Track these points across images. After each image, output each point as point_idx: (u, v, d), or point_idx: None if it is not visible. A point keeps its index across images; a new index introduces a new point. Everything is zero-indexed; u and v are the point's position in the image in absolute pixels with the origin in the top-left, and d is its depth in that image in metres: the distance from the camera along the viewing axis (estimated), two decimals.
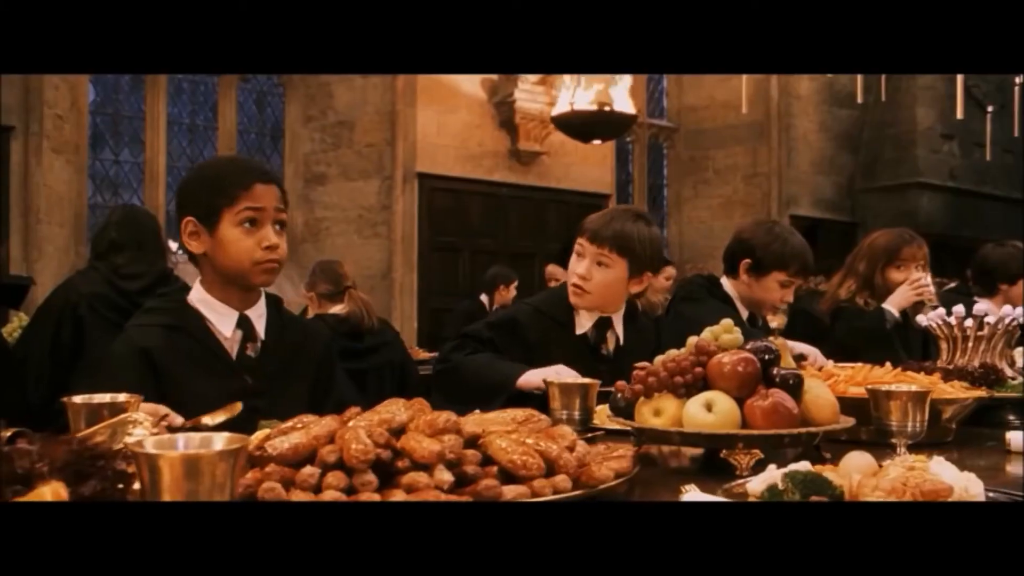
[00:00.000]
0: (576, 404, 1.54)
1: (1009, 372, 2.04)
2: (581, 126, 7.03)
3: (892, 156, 10.20)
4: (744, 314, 2.61)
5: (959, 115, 5.95)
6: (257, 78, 7.99)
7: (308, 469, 1.02)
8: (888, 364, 1.85)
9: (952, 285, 4.81)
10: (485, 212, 7.84)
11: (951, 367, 2.01)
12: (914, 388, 1.41)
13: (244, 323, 1.74)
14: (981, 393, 1.71)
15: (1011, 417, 2.01)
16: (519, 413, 1.23)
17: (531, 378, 1.93)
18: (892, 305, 2.99)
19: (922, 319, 2.18)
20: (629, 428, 1.43)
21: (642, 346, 2.15)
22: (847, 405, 1.53)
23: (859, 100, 6.88)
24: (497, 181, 7.86)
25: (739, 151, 10.05)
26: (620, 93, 7.11)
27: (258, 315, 1.77)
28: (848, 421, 1.43)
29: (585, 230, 2.14)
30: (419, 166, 7.44)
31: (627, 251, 2.09)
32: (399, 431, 1.13)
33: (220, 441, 0.83)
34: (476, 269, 7.50)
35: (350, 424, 1.13)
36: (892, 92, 10.04)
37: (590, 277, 2.10)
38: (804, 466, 1.08)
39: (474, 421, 1.14)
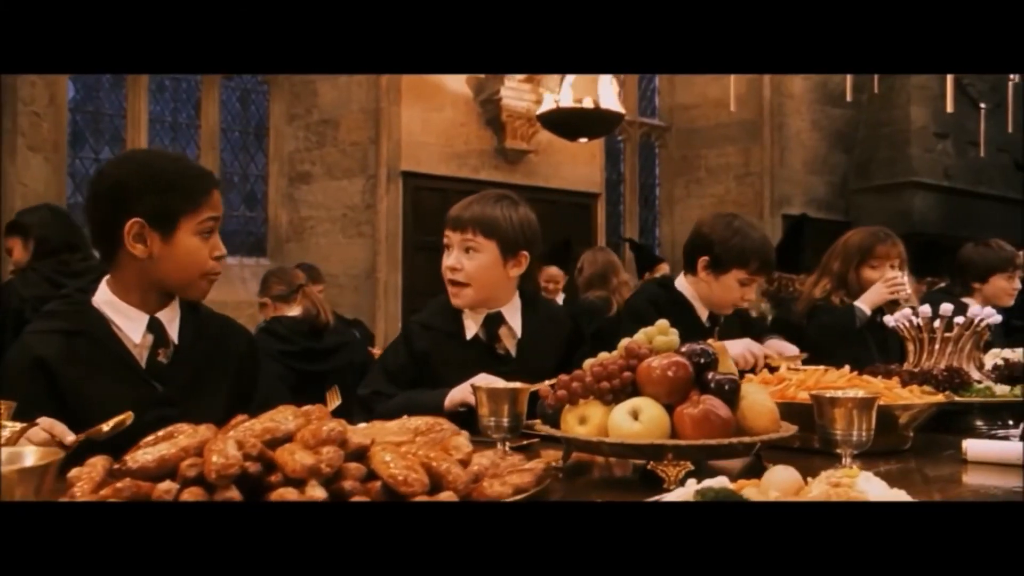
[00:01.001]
0: (505, 411, 1.44)
1: (976, 375, 1.95)
2: (567, 124, 6.92)
3: (886, 155, 10.09)
4: (703, 314, 2.51)
5: (949, 108, 5.85)
6: (241, 76, 7.89)
7: (165, 485, 0.92)
8: (846, 367, 1.75)
9: (942, 285, 4.72)
10: None
11: (916, 369, 1.91)
12: (860, 394, 1.31)
13: (155, 327, 1.64)
14: (939, 398, 1.61)
15: (978, 423, 1.92)
16: (422, 422, 1.13)
17: (456, 395, 1.82)
18: (864, 303, 2.90)
19: (889, 319, 2.09)
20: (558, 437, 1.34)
21: (550, 336, 2.04)
22: (796, 412, 1.44)
23: (849, 99, 6.78)
24: (483, 180, 7.75)
25: (731, 150, 9.95)
26: (607, 91, 7.01)
27: (171, 318, 1.67)
28: (789, 429, 1.33)
29: (447, 220, 2.03)
30: (404, 165, 7.34)
31: (493, 231, 1.96)
32: (285, 440, 1.03)
33: (31, 456, 0.74)
34: None
35: (230, 434, 1.04)
36: (886, 91, 9.95)
37: (460, 267, 1.98)
38: (720, 482, 0.98)
39: (364, 431, 1.05)
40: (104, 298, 1.64)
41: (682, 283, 2.54)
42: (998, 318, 1.96)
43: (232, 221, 7.88)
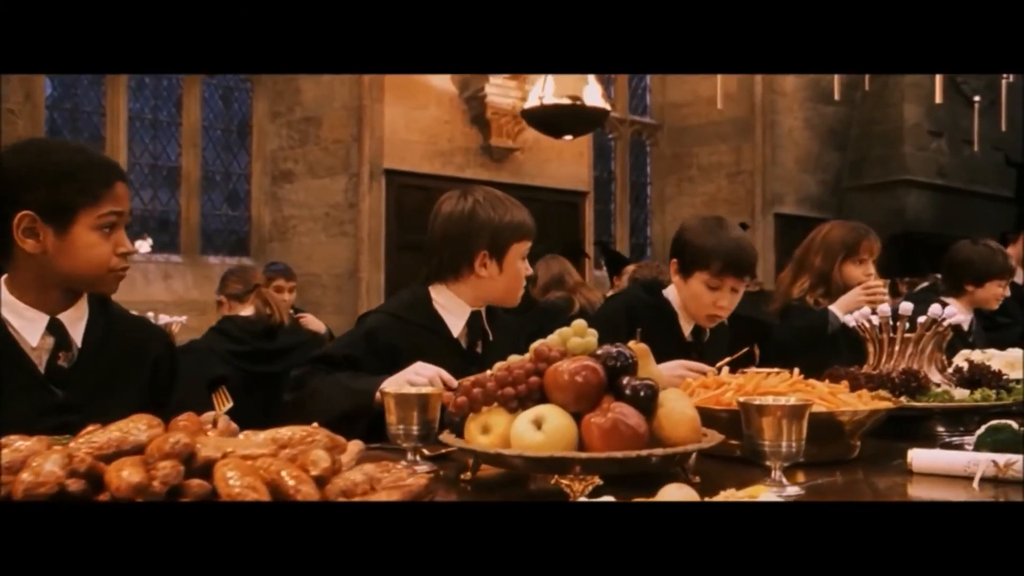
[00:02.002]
0: (414, 418, 1.34)
1: (937, 378, 1.84)
2: (552, 121, 6.83)
3: (879, 153, 9.98)
4: (687, 327, 2.36)
5: (938, 99, 5.74)
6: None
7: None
8: (796, 371, 1.64)
9: (925, 284, 4.60)
10: None
11: (874, 372, 1.81)
12: (791, 401, 1.20)
13: (56, 329, 1.53)
14: (886, 405, 1.50)
15: (940, 429, 1.82)
16: (295, 432, 1.02)
17: (390, 387, 1.72)
18: (839, 307, 2.77)
19: (848, 319, 1.98)
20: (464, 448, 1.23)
21: (506, 343, 1.97)
22: (729, 420, 1.33)
23: (837, 97, 6.67)
24: (469, 178, 7.64)
25: (723, 148, 9.85)
26: (592, 87, 6.91)
27: (76, 319, 1.56)
28: (714, 439, 1.23)
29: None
30: (386, 163, 7.24)
31: None
32: (133, 452, 0.93)
33: None
34: None
35: (71, 445, 0.93)
36: (879, 88, 9.83)
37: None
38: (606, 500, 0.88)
39: (218, 443, 0.94)
40: (1, 298, 1.53)
41: (671, 290, 2.41)
42: (961, 318, 1.85)
43: (215, 220, 7.78)
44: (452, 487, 1.27)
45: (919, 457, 1.34)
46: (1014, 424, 1.48)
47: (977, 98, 8.37)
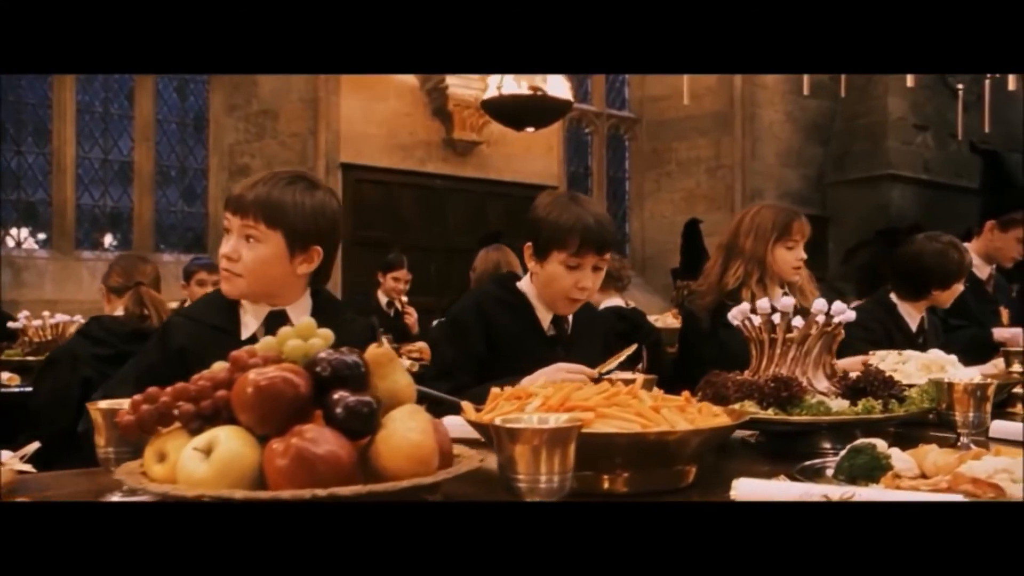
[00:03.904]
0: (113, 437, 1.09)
1: (824, 385, 1.57)
2: (512, 112, 6.58)
3: (863, 147, 9.71)
4: (545, 319, 2.08)
5: (909, 83, 5.47)
6: None
7: None
8: (639, 380, 1.38)
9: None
10: (418, 206, 7.38)
11: (741, 378, 1.55)
12: (557, 424, 0.95)
13: None
14: (720, 422, 1.24)
15: (825, 445, 1.56)
16: None
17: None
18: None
19: (732, 316, 1.71)
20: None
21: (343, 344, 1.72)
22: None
23: (805, 92, 6.39)
24: (431, 173, 7.40)
25: (702, 143, 9.59)
26: (556, 77, 6.64)
27: None
28: (459, 468, 0.97)
29: (228, 200, 1.70)
30: (343, 156, 6.99)
31: (279, 221, 1.63)
32: None
33: None
34: (409, 265, 7.04)
35: None
36: (863, 82, 9.56)
37: (237, 257, 1.65)
38: None
39: None
40: None
41: (525, 281, 2.14)
42: (851, 315, 1.59)
43: (170, 216, 7.54)
44: None
45: (744, 489, 1.08)
46: (880, 444, 1.22)
47: (960, 86, 8.07)
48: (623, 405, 1.18)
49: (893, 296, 3.04)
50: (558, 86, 6.63)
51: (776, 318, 1.59)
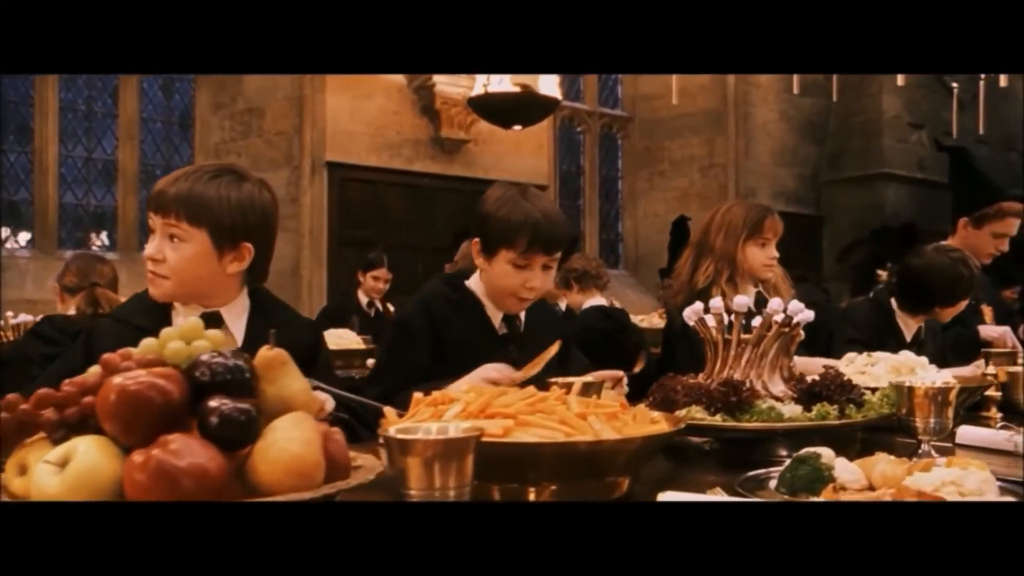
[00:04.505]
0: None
1: (779, 389, 1.49)
2: (499, 110, 6.48)
3: (858, 146, 9.62)
4: (496, 318, 1.98)
5: (899, 83, 5.39)
6: None
7: None
8: (580, 380, 1.31)
9: (879, 286, 4.21)
10: (406, 205, 7.30)
11: (693, 381, 1.47)
12: (454, 434, 0.87)
13: None
14: (656, 429, 1.16)
15: (782, 452, 1.48)
16: None
17: None
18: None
19: (686, 316, 1.63)
20: None
21: (283, 346, 1.64)
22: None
23: (795, 91, 6.31)
24: (418, 171, 7.32)
25: (695, 141, 9.51)
26: (544, 75, 6.56)
27: None
28: (332, 487, 0.89)
29: (149, 198, 1.62)
30: (329, 155, 6.91)
31: (202, 218, 1.55)
32: None
33: None
34: (395, 265, 6.96)
35: None
36: (859, 79, 9.47)
37: (162, 257, 1.57)
38: None
39: None
40: None
41: (475, 278, 2.04)
42: (809, 315, 1.51)
43: None
44: None
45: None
46: (826, 455, 1.14)
47: (955, 84, 7.99)
48: (547, 412, 1.10)
49: (893, 301, 2.92)
50: (546, 83, 6.54)
51: (730, 318, 1.51)
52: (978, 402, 2.04)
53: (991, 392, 1.96)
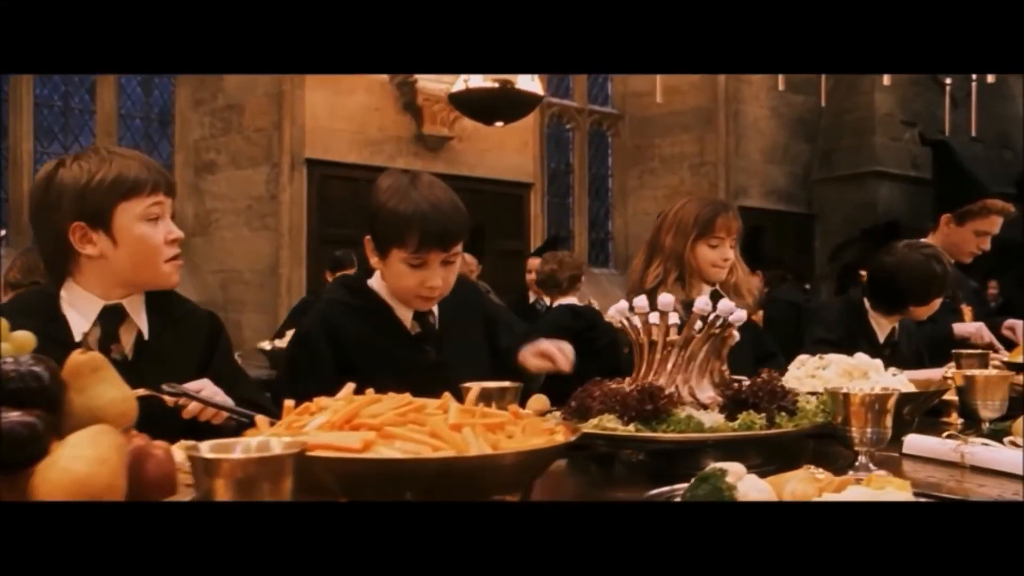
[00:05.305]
0: None
1: (708, 395, 1.38)
2: (480, 106, 6.38)
3: (850, 144, 9.51)
4: (406, 316, 1.84)
5: (886, 82, 5.28)
6: None
7: None
8: (445, 399, 1.19)
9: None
10: None
11: (627, 388, 1.36)
12: (264, 452, 0.76)
13: None
14: (540, 443, 1.04)
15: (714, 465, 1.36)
16: None
17: None
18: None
19: (609, 315, 1.52)
20: None
21: (182, 345, 1.62)
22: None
23: (780, 88, 6.20)
24: (400, 169, 7.20)
25: (686, 139, 9.40)
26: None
27: None
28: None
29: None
30: (308, 152, 6.80)
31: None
32: None
33: None
34: None
35: None
36: (851, 77, 9.35)
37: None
38: None
39: None
40: None
41: (377, 278, 1.89)
42: (742, 315, 1.40)
43: None
44: None
45: None
46: (734, 472, 1.03)
47: (948, 82, 7.88)
48: (419, 423, 0.99)
49: (866, 301, 2.80)
50: (527, 79, 6.43)
51: (654, 318, 1.39)
52: (938, 407, 1.93)
53: (950, 396, 1.85)
